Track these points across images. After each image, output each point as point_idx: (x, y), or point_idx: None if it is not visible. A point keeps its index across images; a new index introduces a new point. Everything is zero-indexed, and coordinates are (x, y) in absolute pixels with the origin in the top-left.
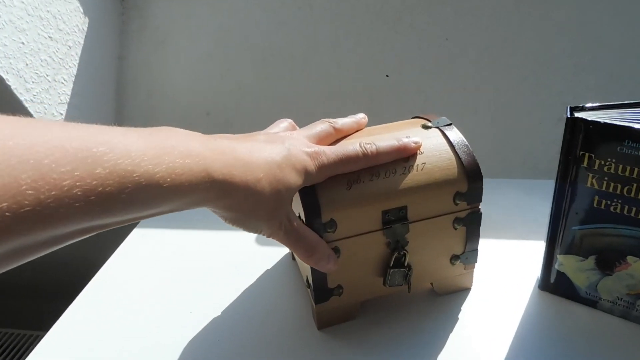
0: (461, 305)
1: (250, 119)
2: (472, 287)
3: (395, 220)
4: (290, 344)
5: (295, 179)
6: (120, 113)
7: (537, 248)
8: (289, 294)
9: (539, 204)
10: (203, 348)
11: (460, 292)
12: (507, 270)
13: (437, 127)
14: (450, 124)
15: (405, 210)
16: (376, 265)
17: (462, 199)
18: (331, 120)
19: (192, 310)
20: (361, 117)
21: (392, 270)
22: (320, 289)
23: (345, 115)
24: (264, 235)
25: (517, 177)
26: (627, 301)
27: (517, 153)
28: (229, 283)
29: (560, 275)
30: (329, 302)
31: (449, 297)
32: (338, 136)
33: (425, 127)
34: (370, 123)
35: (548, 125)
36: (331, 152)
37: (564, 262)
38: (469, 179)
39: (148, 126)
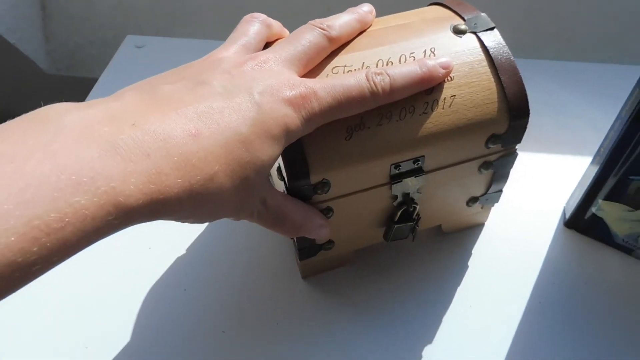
0: (472, 245)
1: None
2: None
3: (406, 174)
4: (269, 293)
5: (271, 152)
6: None
7: (565, 166)
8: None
9: (577, 98)
10: (168, 297)
11: (471, 229)
12: (526, 198)
13: (474, 33)
14: (493, 28)
15: (421, 160)
16: (376, 220)
17: (498, 141)
18: (323, 23)
19: (151, 246)
20: (366, 11)
21: (396, 226)
22: (306, 247)
23: None
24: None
25: (548, 57)
26: None
27: (551, 20)
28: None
29: (596, 218)
30: (316, 257)
31: (458, 235)
32: (334, 47)
33: (458, 31)
34: None
35: None
36: (325, 92)
37: (606, 209)
38: (511, 118)
39: None
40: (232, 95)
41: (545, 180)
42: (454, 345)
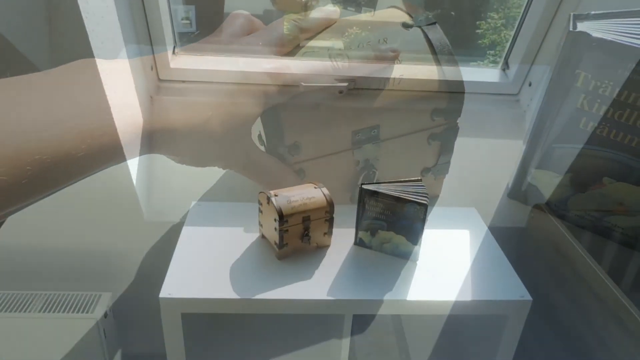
0: (429, 212)
1: None
2: (441, 193)
3: (365, 140)
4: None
5: (253, 109)
6: None
7: (511, 148)
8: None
9: (526, 93)
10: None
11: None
12: (477, 175)
13: (420, 27)
14: (434, 23)
15: (377, 129)
16: (343, 183)
17: (440, 115)
18: (296, 17)
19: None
20: (331, 11)
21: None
22: None
23: None
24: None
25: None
26: (594, 216)
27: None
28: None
29: (532, 187)
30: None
31: None
32: (305, 37)
33: (406, 26)
34: None
35: None
36: (296, 67)
37: (538, 177)
38: (450, 94)
39: None
40: None
41: (495, 160)
42: (415, 286)
